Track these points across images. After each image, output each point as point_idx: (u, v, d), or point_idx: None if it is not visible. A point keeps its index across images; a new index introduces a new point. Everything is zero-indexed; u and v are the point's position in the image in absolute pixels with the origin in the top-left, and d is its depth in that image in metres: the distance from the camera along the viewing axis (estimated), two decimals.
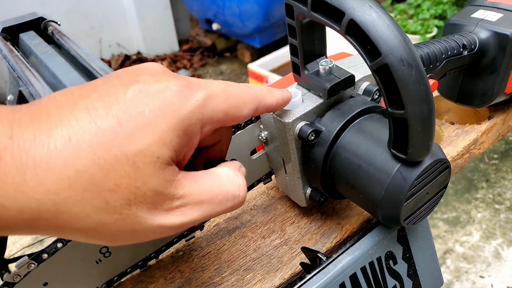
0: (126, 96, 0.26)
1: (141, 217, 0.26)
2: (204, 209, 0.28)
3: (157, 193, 0.26)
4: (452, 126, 0.61)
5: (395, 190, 0.36)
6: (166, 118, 0.26)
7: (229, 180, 0.30)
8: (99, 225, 0.25)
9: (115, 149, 0.24)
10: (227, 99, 0.29)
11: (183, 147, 0.27)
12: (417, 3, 2.51)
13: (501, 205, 1.83)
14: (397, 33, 0.31)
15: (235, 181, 0.30)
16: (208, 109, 0.28)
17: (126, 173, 0.24)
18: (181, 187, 0.27)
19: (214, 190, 0.29)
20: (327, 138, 0.41)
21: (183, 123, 0.27)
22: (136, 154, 0.25)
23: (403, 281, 0.44)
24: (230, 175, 0.30)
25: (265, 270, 0.44)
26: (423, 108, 0.32)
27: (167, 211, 0.27)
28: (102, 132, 0.24)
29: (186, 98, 0.27)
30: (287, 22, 0.40)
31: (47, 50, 0.93)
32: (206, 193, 0.28)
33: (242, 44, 2.97)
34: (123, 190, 0.25)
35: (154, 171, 0.25)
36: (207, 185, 0.28)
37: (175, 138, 0.26)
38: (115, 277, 0.42)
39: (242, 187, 0.30)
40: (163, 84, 0.27)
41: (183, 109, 0.27)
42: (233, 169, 0.30)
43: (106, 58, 2.96)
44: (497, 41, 0.52)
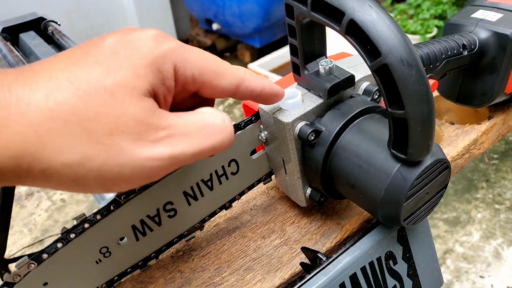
0: (103, 43, 0.27)
1: (126, 148, 0.26)
2: (193, 140, 0.28)
3: (139, 121, 0.26)
4: (452, 126, 0.61)
5: (395, 190, 0.36)
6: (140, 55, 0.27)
7: (213, 115, 0.30)
8: (83, 157, 0.25)
9: (93, 82, 0.25)
10: (205, 60, 0.30)
11: (158, 84, 0.28)
12: (417, 3, 2.51)
13: (501, 205, 1.83)
14: (397, 33, 0.31)
15: (218, 115, 0.30)
16: (182, 57, 0.29)
17: (105, 102, 0.25)
18: (164, 119, 0.27)
19: (199, 123, 0.29)
20: (327, 138, 0.41)
21: (156, 60, 0.28)
22: (114, 84, 0.26)
23: (403, 281, 0.44)
24: (212, 111, 0.30)
25: (265, 270, 0.44)
26: (423, 108, 0.32)
27: (154, 142, 0.27)
28: (80, 69, 0.26)
29: (161, 42, 0.29)
30: (287, 22, 0.40)
31: (47, 50, 0.93)
32: (192, 125, 0.28)
33: (242, 44, 2.97)
34: (104, 118, 0.25)
35: (132, 100, 0.26)
36: (192, 119, 0.29)
37: (150, 73, 0.27)
38: (115, 277, 0.42)
39: (227, 121, 0.30)
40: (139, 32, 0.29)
41: (157, 49, 0.28)
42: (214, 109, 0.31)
43: None
44: (497, 41, 0.52)
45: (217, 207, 0.47)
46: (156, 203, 0.41)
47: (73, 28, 2.71)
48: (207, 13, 2.77)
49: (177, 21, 3.12)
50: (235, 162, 0.46)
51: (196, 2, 2.77)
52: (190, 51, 0.30)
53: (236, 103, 2.64)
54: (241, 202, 0.52)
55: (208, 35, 3.04)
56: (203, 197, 0.45)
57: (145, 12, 2.86)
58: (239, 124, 0.45)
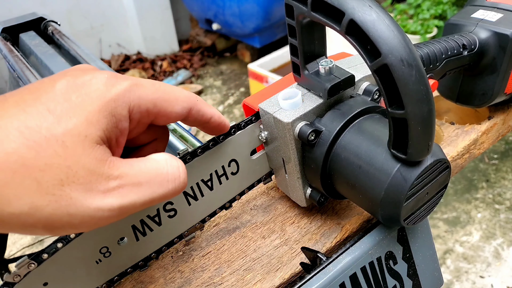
0: (54, 88, 0.27)
1: (76, 199, 0.25)
2: (144, 191, 0.28)
3: (90, 172, 0.26)
4: (452, 126, 0.61)
5: (395, 190, 0.36)
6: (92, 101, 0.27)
7: (167, 162, 0.30)
8: (32, 207, 0.25)
9: (44, 131, 0.25)
10: (157, 92, 0.31)
11: (111, 128, 0.28)
12: (417, 3, 2.51)
13: (501, 205, 1.83)
14: (397, 33, 0.31)
15: (173, 163, 0.30)
16: (135, 95, 0.29)
17: (56, 153, 0.25)
18: (116, 168, 0.27)
19: (152, 172, 0.29)
20: (327, 138, 0.41)
21: (108, 105, 0.28)
22: (65, 134, 0.25)
23: (403, 281, 0.44)
24: (167, 158, 0.30)
25: (265, 270, 0.44)
26: (423, 108, 0.32)
27: (104, 193, 0.26)
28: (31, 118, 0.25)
29: (112, 84, 0.28)
30: (287, 22, 0.40)
31: (47, 50, 0.93)
32: (144, 174, 0.28)
33: (242, 44, 2.97)
34: (54, 169, 0.25)
35: (84, 150, 0.26)
36: (144, 168, 0.28)
37: (102, 119, 0.27)
38: (115, 277, 0.42)
39: (181, 169, 0.30)
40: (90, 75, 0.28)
41: (109, 93, 0.28)
42: (170, 155, 0.31)
43: (106, 58, 2.96)
44: (497, 41, 0.52)
45: (217, 207, 0.47)
46: None
47: (73, 28, 2.71)
48: (207, 13, 2.77)
49: (177, 21, 3.12)
50: (235, 162, 0.46)
51: (196, 2, 2.77)
52: (142, 87, 0.30)
53: (236, 103, 2.64)
54: (241, 202, 0.52)
55: (208, 35, 3.04)
56: (203, 197, 0.45)
57: (145, 12, 2.86)
58: (239, 124, 0.45)
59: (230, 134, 0.44)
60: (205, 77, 2.93)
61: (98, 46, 2.90)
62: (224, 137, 0.44)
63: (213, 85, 2.84)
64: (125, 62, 2.95)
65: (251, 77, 2.37)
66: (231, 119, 2.50)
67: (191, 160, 0.42)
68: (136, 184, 0.28)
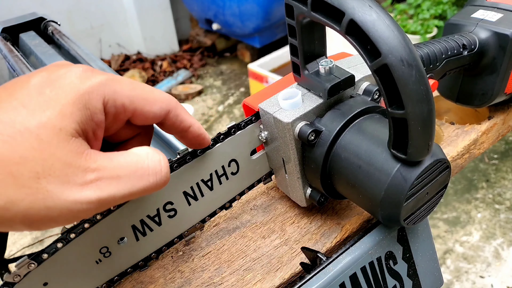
0: (28, 83, 0.27)
1: (52, 192, 0.25)
2: (123, 184, 0.28)
3: (66, 164, 0.26)
4: (452, 126, 0.61)
5: (395, 190, 0.36)
6: (66, 94, 0.27)
7: (148, 156, 0.29)
8: (8, 202, 0.24)
9: (18, 125, 0.25)
10: (134, 89, 0.30)
11: (87, 121, 0.28)
12: (417, 3, 2.51)
13: (501, 205, 1.83)
14: (397, 33, 0.31)
15: (155, 157, 0.29)
16: (110, 89, 0.29)
17: (31, 146, 0.25)
18: (93, 160, 0.27)
19: (132, 166, 0.28)
20: (327, 138, 0.41)
21: (82, 97, 0.27)
22: (39, 127, 0.25)
23: (403, 281, 0.44)
24: (148, 152, 0.30)
25: (265, 270, 0.44)
26: (423, 108, 0.32)
27: (82, 185, 0.26)
28: (4, 113, 0.25)
29: (87, 78, 0.28)
30: (287, 22, 0.40)
31: (47, 50, 0.93)
32: (123, 168, 0.28)
33: (242, 44, 2.97)
34: (30, 162, 0.25)
35: (59, 142, 0.26)
36: (124, 161, 0.28)
37: (76, 111, 0.27)
38: (115, 277, 0.42)
39: (163, 163, 0.30)
40: (65, 70, 0.28)
41: (83, 86, 0.28)
42: (153, 148, 0.30)
43: (106, 58, 2.96)
44: (497, 41, 0.52)
45: (217, 207, 0.47)
46: (156, 203, 0.41)
47: (73, 28, 2.71)
48: (207, 13, 2.77)
49: (177, 21, 3.12)
50: (235, 162, 0.46)
51: (196, 2, 2.77)
52: (118, 82, 0.30)
53: (236, 103, 2.64)
54: (241, 202, 0.52)
55: (208, 35, 3.04)
56: (203, 197, 0.45)
57: (145, 12, 2.86)
58: (239, 124, 0.45)
59: (230, 134, 0.44)
60: (205, 77, 2.93)
61: (98, 46, 2.90)
62: (224, 137, 0.44)
63: (213, 85, 2.84)
64: (125, 62, 2.95)
65: (251, 77, 2.37)
66: (231, 119, 2.50)
67: (191, 160, 0.42)
68: (114, 177, 0.27)
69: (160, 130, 0.63)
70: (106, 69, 0.81)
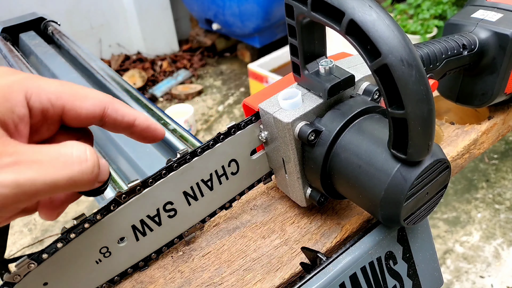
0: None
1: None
2: (44, 169, 0.27)
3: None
4: (452, 126, 0.61)
5: (395, 190, 0.36)
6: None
7: (73, 145, 0.29)
8: None
9: None
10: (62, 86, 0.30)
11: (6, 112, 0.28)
12: (417, 3, 2.51)
13: (501, 205, 1.83)
14: (397, 33, 0.31)
15: (80, 147, 0.29)
16: (33, 84, 0.29)
17: None
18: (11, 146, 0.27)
19: (54, 152, 0.28)
20: (327, 138, 0.41)
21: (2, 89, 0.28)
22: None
23: (403, 281, 0.44)
24: (74, 143, 0.29)
25: (265, 270, 0.44)
26: (423, 108, 0.32)
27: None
28: None
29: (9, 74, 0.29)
30: (287, 22, 0.40)
31: (47, 50, 0.93)
32: (45, 154, 0.27)
33: (242, 44, 2.97)
34: None
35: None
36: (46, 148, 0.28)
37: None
38: (115, 277, 0.42)
39: (89, 152, 0.29)
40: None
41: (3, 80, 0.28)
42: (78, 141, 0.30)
43: (106, 58, 2.96)
44: (497, 41, 0.52)
45: (217, 207, 0.47)
46: (156, 203, 0.41)
47: (73, 28, 2.71)
48: (207, 13, 2.77)
49: (177, 21, 3.12)
50: (235, 162, 0.46)
51: (196, 2, 2.77)
52: (43, 79, 0.30)
53: (236, 103, 2.64)
54: (241, 202, 0.52)
55: (208, 35, 3.04)
56: (203, 197, 0.45)
57: (145, 12, 2.86)
58: (239, 124, 0.45)
59: (230, 134, 0.44)
60: (205, 77, 2.93)
61: (98, 46, 2.90)
62: (224, 137, 0.44)
63: (213, 85, 2.84)
64: (125, 62, 2.95)
65: (251, 77, 2.37)
66: (231, 119, 2.50)
67: (191, 160, 0.42)
68: (35, 162, 0.27)
69: None
70: (106, 69, 0.81)
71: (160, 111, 0.67)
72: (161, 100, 2.70)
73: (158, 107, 0.68)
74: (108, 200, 0.39)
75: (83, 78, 0.84)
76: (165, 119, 0.64)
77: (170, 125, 0.63)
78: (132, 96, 0.71)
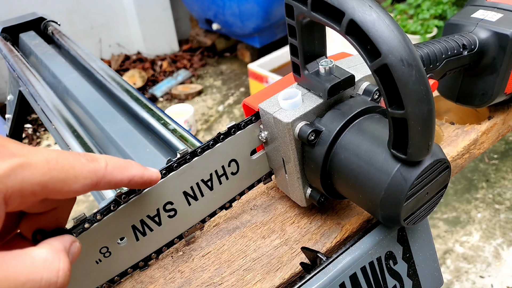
0: None
1: None
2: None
3: None
4: (452, 126, 0.61)
5: (395, 190, 0.36)
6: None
7: (46, 265, 0.25)
8: None
9: None
10: (49, 172, 0.26)
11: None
12: (417, 3, 2.51)
13: (501, 205, 1.83)
14: (397, 33, 0.31)
15: (53, 266, 0.25)
16: (15, 180, 0.25)
17: None
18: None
19: (21, 277, 0.24)
20: (327, 138, 0.41)
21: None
22: None
23: (403, 281, 0.44)
24: (48, 258, 0.26)
25: (265, 270, 0.44)
26: (423, 108, 0.32)
27: None
28: None
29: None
30: (287, 22, 0.40)
31: (47, 50, 0.93)
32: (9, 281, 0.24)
33: (242, 44, 2.97)
34: None
35: None
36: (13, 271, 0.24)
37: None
38: (115, 277, 0.42)
39: (62, 272, 0.26)
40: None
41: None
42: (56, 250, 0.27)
43: (106, 58, 2.96)
44: (497, 41, 0.52)
45: (217, 207, 0.47)
46: (156, 203, 0.41)
47: (73, 28, 2.71)
48: (207, 13, 2.77)
49: (177, 21, 3.12)
50: (235, 162, 0.46)
51: (196, 2, 2.77)
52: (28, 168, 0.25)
53: (236, 103, 2.64)
54: (241, 202, 0.52)
55: (208, 35, 3.04)
56: (203, 197, 0.45)
57: (145, 12, 2.86)
58: (239, 124, 0.45)
59: (230, 134, 0.44)
60: (205, 77, 2.93)
61: (98, 46, 2.90)
62: (224, 137, 0.44)
63: (213, 85, 2.84)
64: (125, 62, 2.95)
65: (251, 77, 2.37)
66: (231, 119, 2.50)
67: (191, 160, 0.42)
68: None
69: (160, 129, 0.63)
70: (106, 69, 0.81)
71: (160, 111, 0.67)
72: (161, 100, 2.70)
73: (158, 107, 0.68)
74: (108, 200, 0.39)
75: (83, 78, 0.84)
76: (165, 119, 0.64)
77: (170, 125, 0.63)
78: (132, 96, 0.71)
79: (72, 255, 0.28)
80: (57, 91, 0.81)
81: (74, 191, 0.28)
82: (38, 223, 0.30)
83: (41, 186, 0.26)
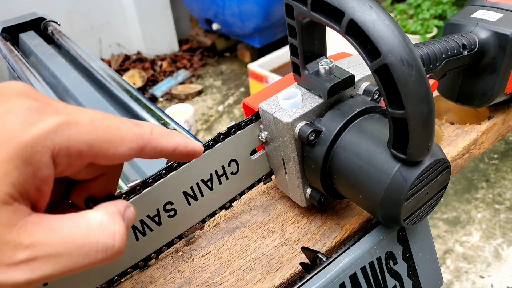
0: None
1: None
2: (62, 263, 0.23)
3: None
4: (452, 126, 0.61)
5: (395, 190, 0.36)
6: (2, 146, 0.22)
7: (102, 228, 0.25)
8: None
9: None
10: (95, 131, 0.25)
11: (27, 179, 0.23)
12: (417, 3, 2.51)
13: (501, 205, 1.83)
14: (397, 33, 0.31)
15: (109, 229, 0.25)
16: (62, 137, 0.24)
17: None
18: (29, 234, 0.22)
19: (78, 241, 0.24)
20: (327, 138, 0.41)
21: (22, 151, 0.22)
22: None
23: (403, 281, 0.44)
24: (103, 221, 0.25)
25: (265, 270, 0.44)
26: (423, 108, 0.32)
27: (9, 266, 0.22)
28: None
29: (32, 123, 0.23)
30: (287, 22, 0.40)
31: (47, 50, 0.93)
32: (66, 244, 0.23)
33: (242, 44, 2.97)
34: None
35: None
36: (69, 234, 0.23)
37: (13, 170, 0.22)
38: (115, 277, 0.42)
39: (118, 236, 0.25)
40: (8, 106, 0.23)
41: (24, 135, 0.23)
42: (111, 213, 0.26)
43: (106, 58, 2.96)
44: (497, 41, 0.52)
45: (217, 207, 0.47)
46: (156, 203, 0.41)
47: (73, 28, 2.71)
48: (207, 13, 2.77)
49: (177, 21, 3.12)
50: (235, 162, 0.46)
51: (196, 2, 2.77)
52: (74, 126, 0.24)
53: (236, 103, 2.64)
54: (241, 202, 0.52)
55: (208, 35, 3.04)
56: (203, 197, 0.45)
57: (145, 12, 2.86)
58: (239, 124, 0.45)
59: (230, 134, 0.44)
60: (205, 77, 2.93)
61: (98, 46, 2.90)
62: (224, 137, 0.44)
63: (213, 85, 2.84)
64: (125, 62, 2.95)
65: (251, 77, 2.37)
66: (231, 119, 2.50)
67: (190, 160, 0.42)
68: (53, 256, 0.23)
69: None
70: (106, 69, 0.81)
71: (160, 111, 0.67)
72: (161, 100, 2.70)
73: (158, 107, 0.68)
74: None
75: (83, 78, 0.84)
76: (165, 119, 0.64)
77: (170, 125, 0.63)
78: (132, 96, 0.71)
79: (127, 220, 0.27)
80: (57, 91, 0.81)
81: (120, 155, 0.27)
82: (88, 191, 0.29)
83: (87, 145, 0.25)
